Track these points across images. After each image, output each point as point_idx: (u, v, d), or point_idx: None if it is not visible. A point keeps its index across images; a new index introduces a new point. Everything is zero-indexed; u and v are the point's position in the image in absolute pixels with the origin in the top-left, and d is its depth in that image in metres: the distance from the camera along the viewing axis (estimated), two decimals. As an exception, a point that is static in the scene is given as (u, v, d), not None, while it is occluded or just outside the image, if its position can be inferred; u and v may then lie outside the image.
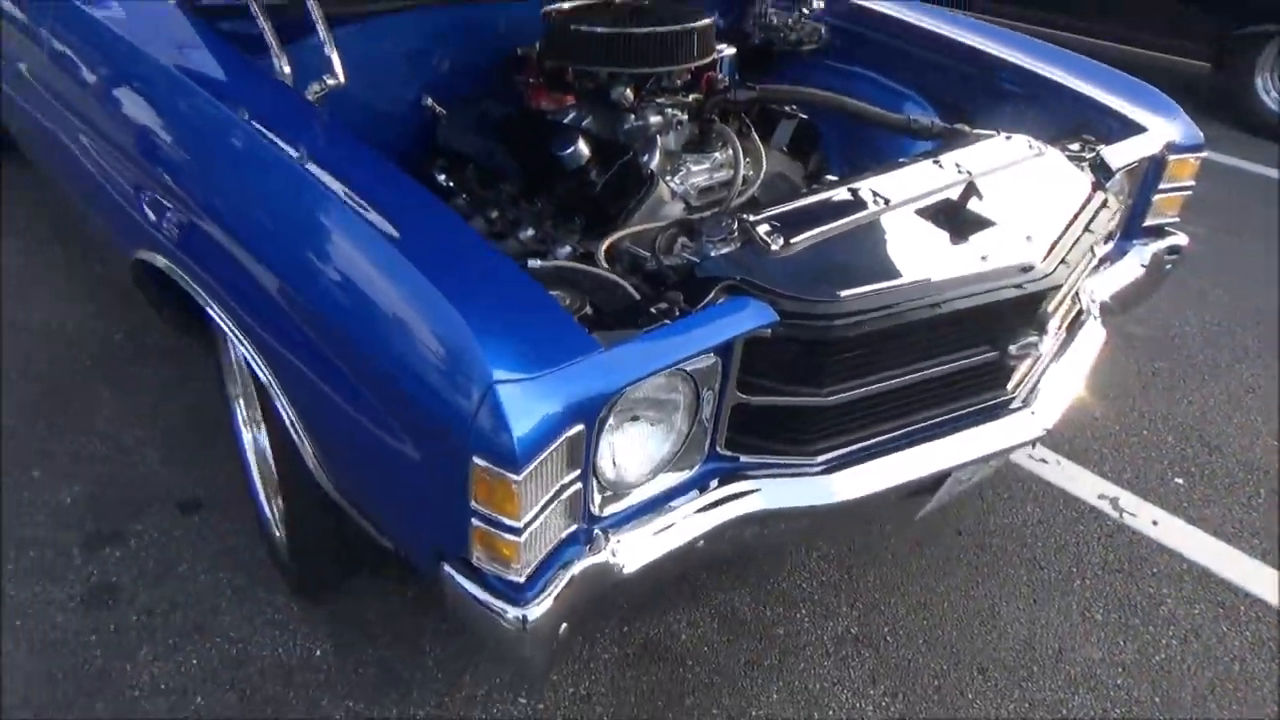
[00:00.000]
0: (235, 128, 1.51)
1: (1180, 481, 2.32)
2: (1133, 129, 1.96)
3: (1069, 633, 1.90)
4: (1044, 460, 2.35)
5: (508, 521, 1.10)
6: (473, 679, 1.74)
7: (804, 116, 2.17)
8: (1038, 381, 1.67)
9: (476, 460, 1.08)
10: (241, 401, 1.95)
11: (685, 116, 1.99)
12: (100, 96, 1.78)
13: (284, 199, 1.40)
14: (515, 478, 1.06)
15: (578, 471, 1.17)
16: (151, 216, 1.64)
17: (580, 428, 1.13)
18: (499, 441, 1.06)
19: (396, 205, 1.34)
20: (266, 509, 1.92)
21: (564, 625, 1.22)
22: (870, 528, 2.10)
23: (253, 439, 1.95)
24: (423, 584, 1.85)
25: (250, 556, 1.96)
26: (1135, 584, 2.02)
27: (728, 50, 2.31)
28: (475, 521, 1.13)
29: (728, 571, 1.97)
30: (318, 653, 1.78)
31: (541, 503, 1.12)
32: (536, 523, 1.13)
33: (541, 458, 1.08)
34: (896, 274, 1.41)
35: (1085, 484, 2.28)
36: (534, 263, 1.53)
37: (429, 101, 2.12)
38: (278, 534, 1.88)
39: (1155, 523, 2.18)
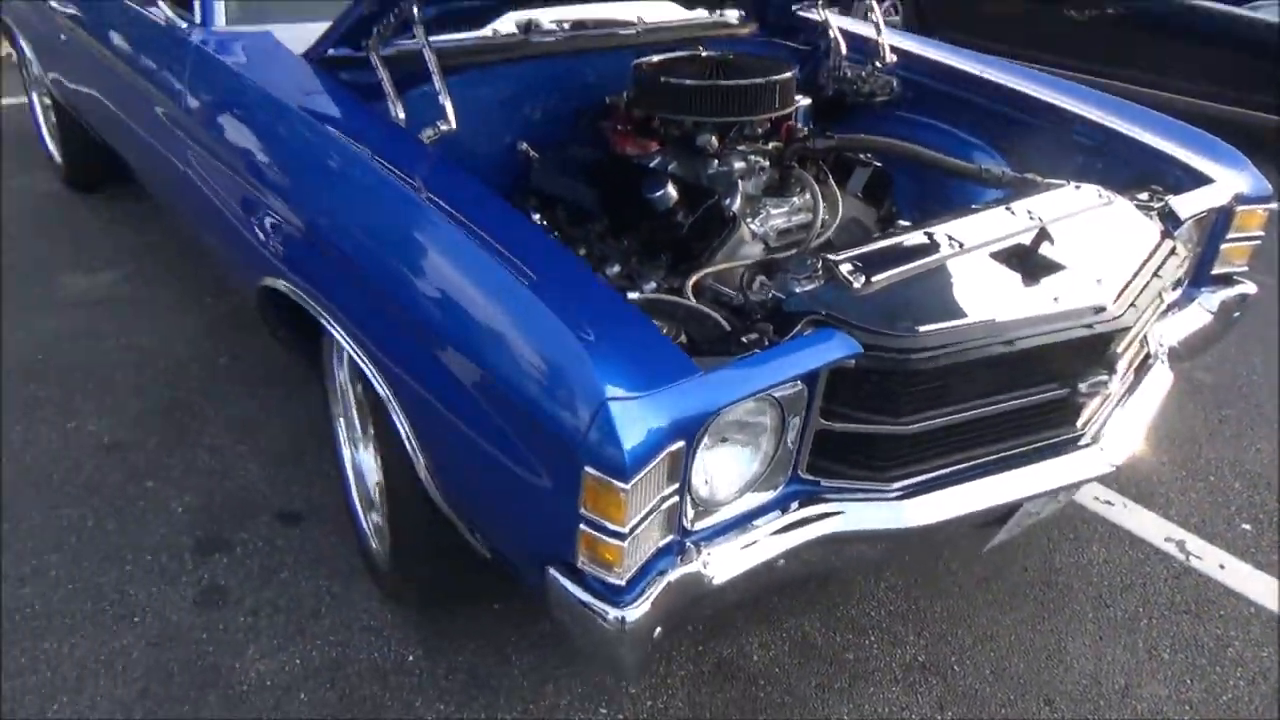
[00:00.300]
0: (361, 164, 1.66)
1: (1248, 527, 2.34)
2: (1201, 180, 2.03)
3: (1135, 669, 1.93)
4: (1109, 502, 2.39)
5: (613, 527, 1.20)
6: (555, 689, 1.83)
7: (878, 164, 2.27)
8: (1106, 420, 1.74)
9: (588, 469, 1.18)
10: (343, 421, 2.09)
11: (766, 162, 2.10)
12: (235, 139, 1.96)
13: (405, 228, 1.54)
14: (624, 486, 1.16)
15: (676, 485, 1.27)
16: (279, 246, 1.79)
17: (681, 444, 1.23)
18: (610, 453, 1.16)
19: (509, 237, 1.46)
20: (364, 522, 2.05)
21: (658, 629, 1.32)
22: (937, 562, 2.16)
23: (352, 456, 2.09)
24: (509, 598, 1.98)
25: (346, 566, 2.08)
26: (1202, 625, 2.05)
27: (803, 101, 2.43)
28: (583, 527, 1.23)
29: (799, 597, 2.04)
30: (410, 658, 1.89)
31: (644, 511, 1.23)
32: (639, 530, 1.23)
33: (647, 470, 1.19)
34: (972, 312, 1.50)
35: (1151, 526, 2.32)
36: (632, 294, 1.64)
37: (523, 146, 2.27)
38: (374, 545, 2.01)
39: (1222, 566, 2.21)
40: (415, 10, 1.78)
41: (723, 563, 1.37)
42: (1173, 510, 2.38)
